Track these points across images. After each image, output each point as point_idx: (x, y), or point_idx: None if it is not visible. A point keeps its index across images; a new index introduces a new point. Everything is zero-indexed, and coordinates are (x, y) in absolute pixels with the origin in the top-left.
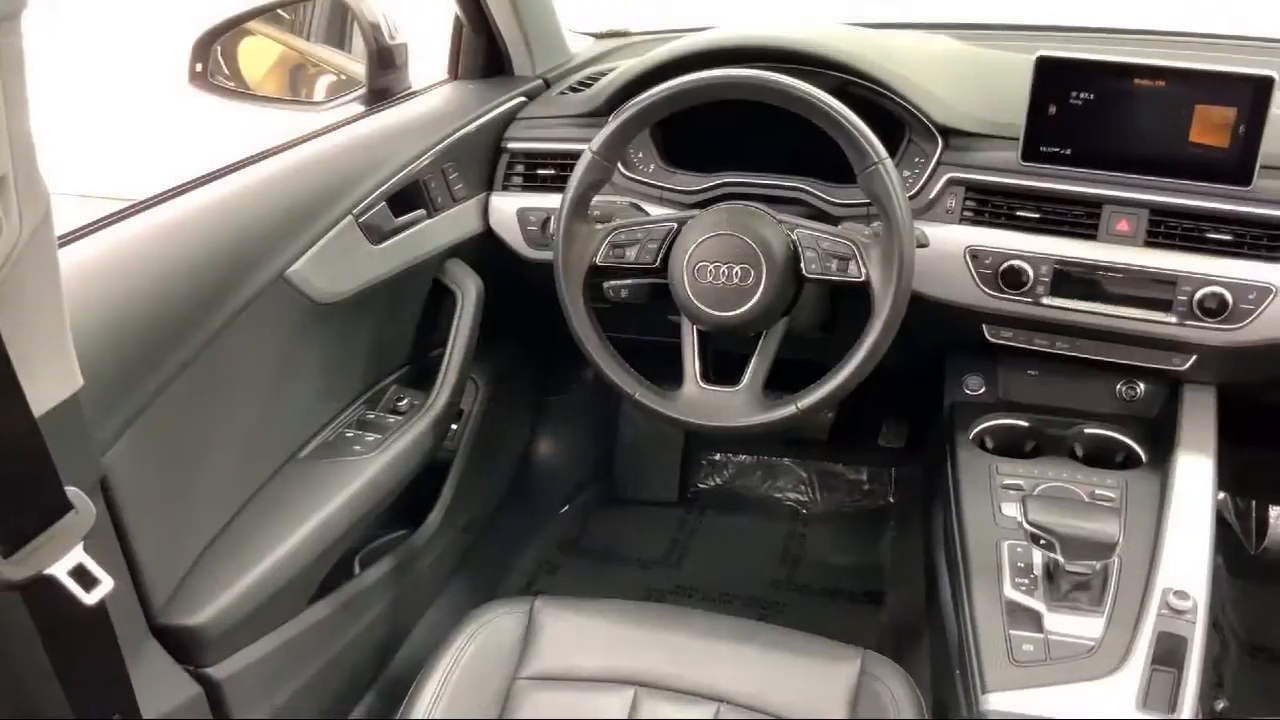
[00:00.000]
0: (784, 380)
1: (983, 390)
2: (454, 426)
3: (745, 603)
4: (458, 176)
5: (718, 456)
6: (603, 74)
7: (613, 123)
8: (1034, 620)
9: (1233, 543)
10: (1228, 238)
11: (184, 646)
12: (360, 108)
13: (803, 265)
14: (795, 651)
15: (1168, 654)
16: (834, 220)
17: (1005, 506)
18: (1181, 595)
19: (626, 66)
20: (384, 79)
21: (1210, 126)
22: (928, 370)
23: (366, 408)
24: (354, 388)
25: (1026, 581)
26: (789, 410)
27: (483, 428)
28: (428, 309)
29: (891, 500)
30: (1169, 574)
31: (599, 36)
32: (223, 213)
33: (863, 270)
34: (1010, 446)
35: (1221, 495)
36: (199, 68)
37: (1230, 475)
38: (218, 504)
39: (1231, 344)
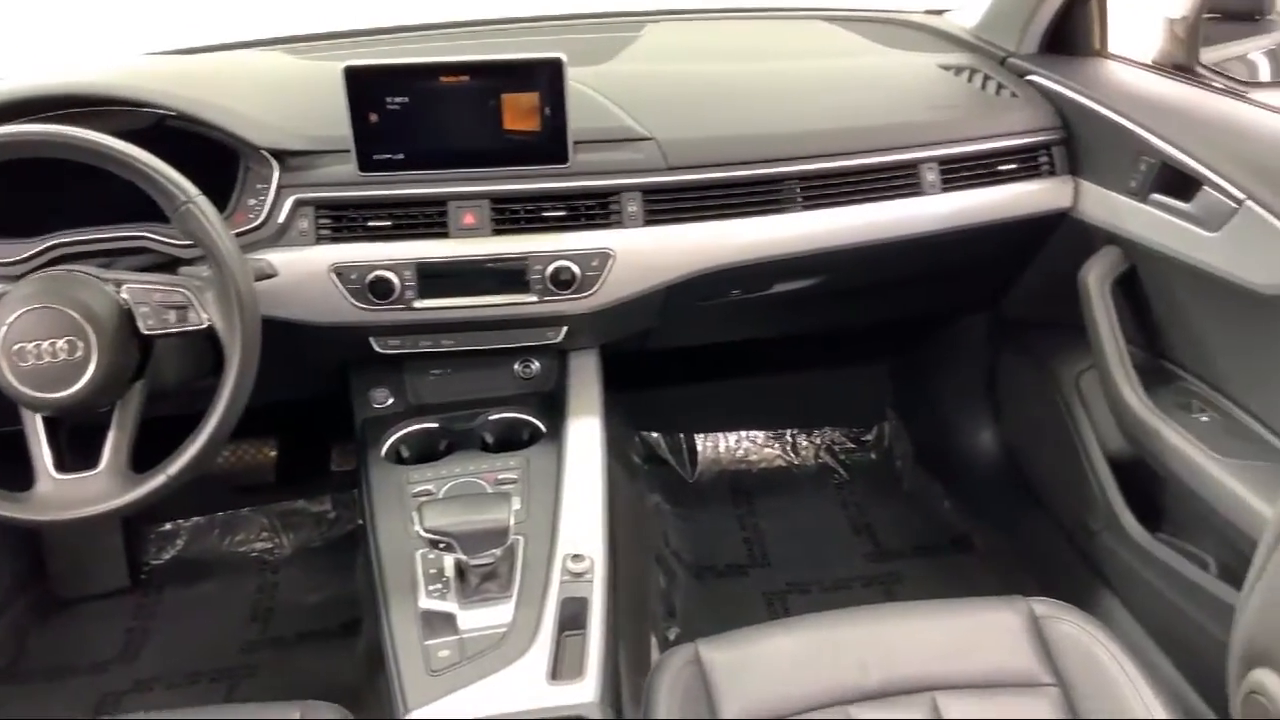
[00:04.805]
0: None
1: (391, 401)
2: None
3: (212, 678)
4: None
5: (167, 525)
6: None
7: None
8: (449, 624)
9: (671, 477)
10: (562, 213)
11: None
12: None
13: (139, 323)
14: None
15: (572, 618)
16: (182, 266)
17: (415, 516)
18: (578, 558)
19: None
20: None
21: (520, 113)
22: (340, 391)
23: None
24: None
25: (440, 586)
26: (160, 480)
27: None
28: None
29: (360, 523)
30: (568, 540)
31: None
32: None
33: (203, 316)
34: (426, 451)
35: (655, 435)
36: None
37: (654, 416)
38: None
39: (590, 310)
